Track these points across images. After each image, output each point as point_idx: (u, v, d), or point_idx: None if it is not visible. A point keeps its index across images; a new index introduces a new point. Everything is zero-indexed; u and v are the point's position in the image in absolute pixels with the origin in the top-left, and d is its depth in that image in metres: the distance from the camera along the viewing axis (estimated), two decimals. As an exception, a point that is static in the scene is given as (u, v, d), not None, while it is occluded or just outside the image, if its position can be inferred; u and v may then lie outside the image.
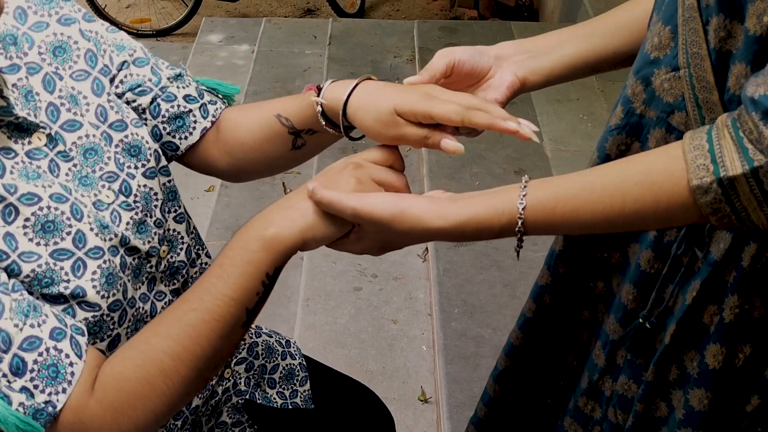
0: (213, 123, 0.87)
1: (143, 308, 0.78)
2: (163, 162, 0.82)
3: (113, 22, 4.10)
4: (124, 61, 0.80)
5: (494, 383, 1.14)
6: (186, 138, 0.85)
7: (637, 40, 0.83)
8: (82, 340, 0.65)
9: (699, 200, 0.61)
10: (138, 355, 0.65)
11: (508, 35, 3.49)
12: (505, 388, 1.13)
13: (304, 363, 1.08)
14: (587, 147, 2.71)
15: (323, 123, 0.79)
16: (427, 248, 2.33)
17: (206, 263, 0.92)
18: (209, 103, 0.87)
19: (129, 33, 4.13)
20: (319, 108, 0.78)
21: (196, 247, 0.89)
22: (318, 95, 0.78)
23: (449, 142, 0.72)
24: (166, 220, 0.82)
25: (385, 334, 2.10)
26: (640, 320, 0.86)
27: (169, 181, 0.83)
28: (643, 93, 0.78)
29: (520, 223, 0.68)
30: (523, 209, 0.68)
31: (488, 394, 1.17)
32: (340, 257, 2.28)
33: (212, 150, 0.88)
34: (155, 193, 0.79)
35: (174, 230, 0.83)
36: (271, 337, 1.06)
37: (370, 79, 0.78)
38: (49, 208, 0.66)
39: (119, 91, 0.80)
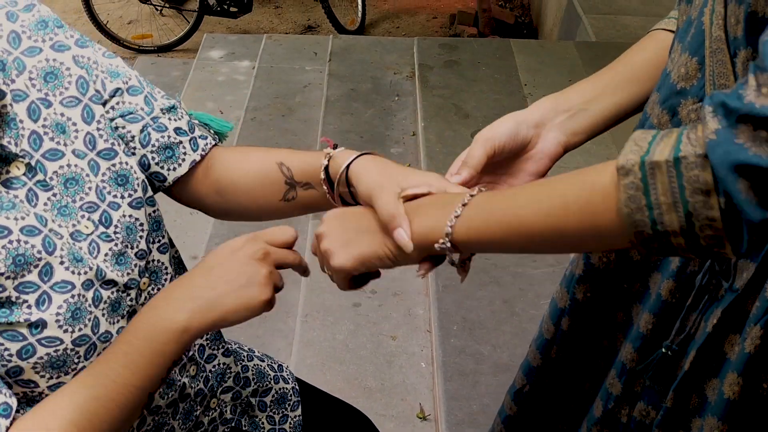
0: (202, 157, 0.85)
1: None
2: (150, 192, 0.80)
3: (115, 37, 4.13)
4: (118, 88, 0.80)
5: (512, 402, 1.14)
6: (174, 169, 0.83)
7: None
8: (3, 423, 0.64)
9: (620, 183, 0.57)
10: None
11: (508, 52, 3.50)
12: (522, 407, 1.13)
13: (297, 387, 1.06)
14: (587, 164, 2.70)
15: (323, 177, 0.79)
16: (426, 264, 2.33)
17: None
18: (200, 137, 0.86)
19: (130, 48, 4.17)
20: (325, 161, 0.78)
21: (177, 276, 0.87)
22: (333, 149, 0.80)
23: (400, 234, 0.70)
24: (150, 252, 0.80)
25: (383, 350, 2.09)
26: (663, 350, 0.84)
27: (154, 211, 0.81)
28: (669, 123, 0.77)
29: (459, 208, 0.67)
30: (463, 204, 0.67)
31: (505, 413, 1.16)
32: (339, 273, 2.28)
33: (201, 186, 0.86)
34: (141, 224, 0.77)
35: (158, 261, 0.81)
36: (263, 361, 1.04)
37: (373, 154, 0.78)
38: (18, 241, 0.65)
39: (110, 116, 0.79)
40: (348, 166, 0.76)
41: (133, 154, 0.81)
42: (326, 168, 0.79)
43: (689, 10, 0.76)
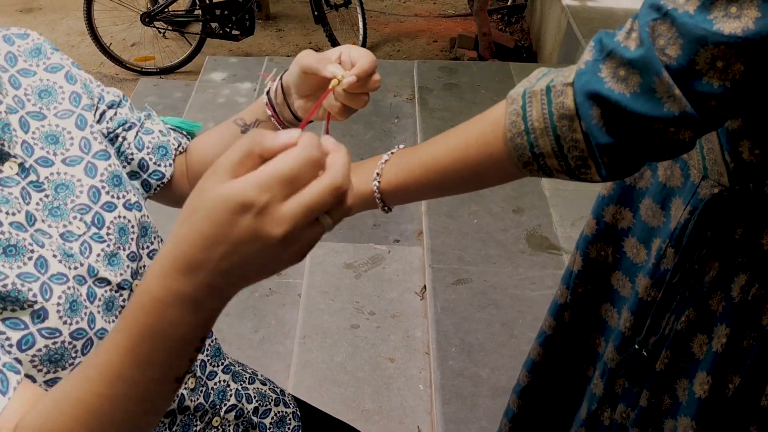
0: (183, 151, 0.95)
1: None
2: (139, 197, 0.83)
3: (118, 59, 4.17)
4: (114, 101, 0.87)
5: (517, 399, 1.17)
6: (170, 165, 0.91)
7: None
8: (14, 378, 0.61)
9: (506, 110, 0.64)
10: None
11: (507, 75, 3.53)
12: (526, 402, 1.16)
13: (298, 413, 1.06)
14: (585, 186, 2.72)
15: (265, 101, 0.88)
16: (425, 286, 2.33)
17: None
18: (179, 137, 0.96)
19: (133, 70, 4.20)
20: (267, 86, 0.88)
21: None
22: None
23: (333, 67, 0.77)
24: (141, 256, 0.81)
25: (381, 372, 2.08)
26: (636, 346, 0.87)
27: (142, 216, 0.82)
28: None
29: (384, 158, 0.75)
30: (389, 155, 0.76)
31: (512, 411, 1.19)
32: (338, 295, 2.28)
33: (183, 180, 0.95)
34: (132, 226, 0.79)
35: (147, 266, 0.82)
36: (265, 384, 1.04)
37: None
38: (10, 233, 0.66)
39: (110, 126, 0.86)
40: (281, 77, 0.85)
41: (132, 160, 0.88)
42: (267, 93, 0.88)
43: None
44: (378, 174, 0.74)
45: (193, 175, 0.94)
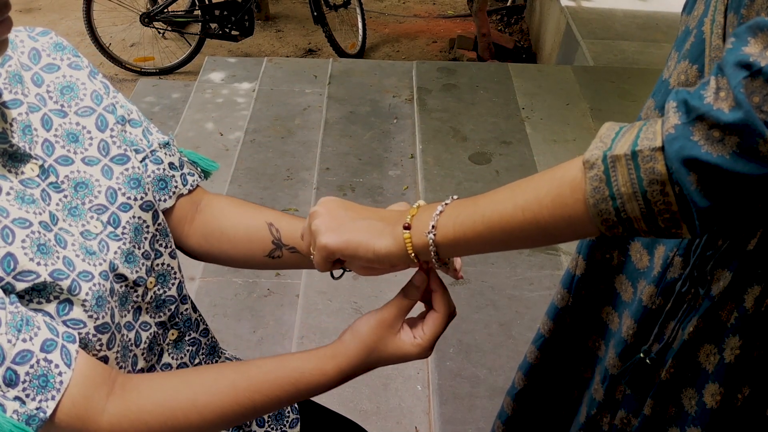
0: (189, 192, 0.91)
1: (128, 336, 0.79)
2: (159, 199, 0.85)
3: (117, 60, 4.17)
4: (123, 116, 0.85)
5: (512, 402, 1.17)
6: (165, 201, 0.88)
7: None
8: (73, 348, 0.68)
9: (585, 176, 0.61)
10: (169, 414, 0.71)
11: (506, 76, 3.53)
12: (521, 406, 1.16)
13: (296, 405, 1.07)
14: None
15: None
16: (423, 287, 2.33)
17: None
18: (188, 174, 0.91)
19: (133, 71, 4.21)
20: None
21: (184, 282, 0.90)
22: None
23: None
24: (158, 255, 0.83)
25: (379, 373, 2.08)
26: (641, 355, 0.87)
27: (164, 219, 0.85)
28: None
29: (439, 209, 0.70)
30: (444, 206, 0.71)
31: (506, 413, 1.19)
32: (336, 295, 2.28)
33: (188, 226, 0.92)
34: (147, 226, 0.81)
35: (168, 265, 0.85)
36: None
37: None
38: (39, 233, 0.69)
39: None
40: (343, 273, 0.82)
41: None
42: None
43: (688, 20, 0.80)
44: (433, 226, 0.69)
45: (202, 231, 0.91)
